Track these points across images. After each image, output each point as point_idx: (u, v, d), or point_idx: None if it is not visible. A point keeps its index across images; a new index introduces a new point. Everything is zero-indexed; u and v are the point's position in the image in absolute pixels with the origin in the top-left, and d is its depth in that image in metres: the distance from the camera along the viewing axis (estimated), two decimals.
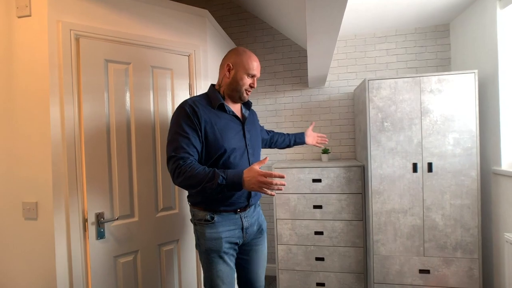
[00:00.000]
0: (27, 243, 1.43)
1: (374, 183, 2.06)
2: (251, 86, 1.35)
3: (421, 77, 1.99)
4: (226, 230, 1.29)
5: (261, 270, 1.47)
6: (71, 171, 1.43)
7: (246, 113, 1.42)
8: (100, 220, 1.51)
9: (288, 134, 1.84)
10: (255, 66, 1.33)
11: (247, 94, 1.36)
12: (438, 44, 2.40)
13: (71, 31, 1.44)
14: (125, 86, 1.60)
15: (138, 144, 1.63)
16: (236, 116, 1.36)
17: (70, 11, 1.44)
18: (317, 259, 2.23)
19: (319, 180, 2.21)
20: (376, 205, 2.06)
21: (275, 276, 2.26)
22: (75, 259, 1.44)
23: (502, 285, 1.89)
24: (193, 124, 1.22)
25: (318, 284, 2.24)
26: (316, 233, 2.23)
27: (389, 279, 2.05)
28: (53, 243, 1.40)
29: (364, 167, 2.15)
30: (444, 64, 2.39)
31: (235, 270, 1.38)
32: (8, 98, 1.44)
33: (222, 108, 1.32)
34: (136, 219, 1.63)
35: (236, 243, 1.34)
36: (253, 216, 1.39)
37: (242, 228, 1.34)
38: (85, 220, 1.48)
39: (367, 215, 2.13)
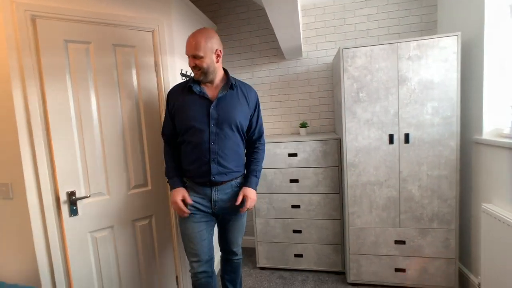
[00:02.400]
0: (6, 221, 1.50)
1: (349, 156, 2.03)
2: (192, 67, 1.44)
3: (398, 43, 1.88)
4: (193, 196, 1.52)
5: (236, 237, 1.66)
6: (40, 152, 1.46)
7: (222, 93, 1.47)
8: (71, 199, 1.57)
9: (252, 166, 1.61)
10: (186, 46, 1.43)
11: (196, 74, 1.46)
12: (424, 6, 2.24)
13: (26, 12, 1.43)
14: (86, 66, 1.59)
15: (105, 123, 1.65)
16: (203, 97, 1.47)
17: None
18: (295, 231, 2.27)
19: (295, 155, 2.19)
20: (351, 178, 2.04)
21: (254, 248, 2.34)
22: (51, 235, 1.51)
23: (478, 255, 1.87)
24: (167, 108, 1.57)
25: (296, 255, 2.29)
26: (293, 206, 2.25)
27: (364, 249, 2.07)
28: (29, 221, 1.46)
29: (340, 140, 2.12)
30: (430, 27, 2.24)
31: (206, 236, 1.54)
32: None
33: (191, 89, 1.48)
34: (108, 196, 1.69)
35: (204, 212, 1.53)
36: (226, 193, 1.53)
37: (211, 200, 1.51)
38: (57, 199, 1.55)
39: (343, 188, 2.12)
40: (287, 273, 2.30)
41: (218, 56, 1.45)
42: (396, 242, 2.02)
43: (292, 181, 2.23)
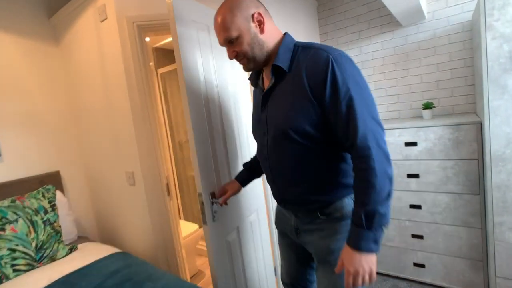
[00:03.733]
0: (131, 202, 1.83)
1: (496, 146, 1.48)
2: (235, 58, 0.97)
3: None
4: (279, 217, 1.20)
5: None
6: (150, 148, 1.69)
7: (270, 83, 0.96)
8: (213, 202, 1.25)
9: (354, 203, 0.86)
10: (216, 34, 0.96)
11: (243, 66, 1.00)
12: None
13: (134, 24, 1.59)
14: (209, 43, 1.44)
15: (224, 118, 1.45)
16: (259, 88, 1.07)
17: (133, 6, 1.59)
18: (414, 236, 1.87)
19: (414, 144, 1.77)
20: (499, 176, 1.49)
21: None
22: (164, 219, 1.73)
23: None
24: None
25: (415, 264, 1.89)
26: (412, 206, 1.85)
27: None
28: (146, 203, 1.71)
29: (481, 124, 1.57)
30: None
31: (293, 261, 1.23)
32: (105, 90, 1.79)
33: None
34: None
35: (290, 237, 1.17)
36: (307, 224, 1.03)
37: (292, 225, 1.11)
38: (167, 186, 1.73)
39: (485, 189, 1.58)
40: (403, 283, 1.95)
41: (260, 22, 0.90)
42: None
43: (410, 176, 1.83)
